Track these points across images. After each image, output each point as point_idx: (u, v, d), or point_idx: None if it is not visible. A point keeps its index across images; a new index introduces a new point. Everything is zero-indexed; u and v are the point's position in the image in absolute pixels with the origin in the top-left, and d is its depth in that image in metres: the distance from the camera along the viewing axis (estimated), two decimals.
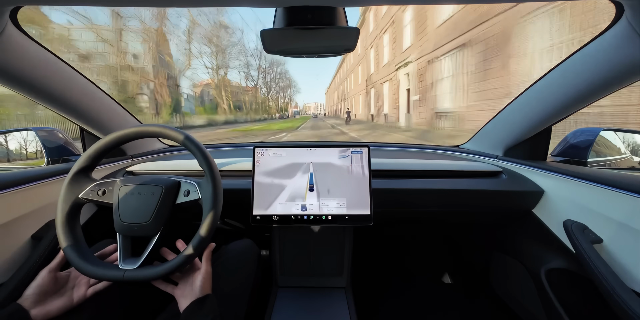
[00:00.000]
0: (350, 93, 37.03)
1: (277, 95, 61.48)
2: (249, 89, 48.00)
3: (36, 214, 0.72)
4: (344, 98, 44.95)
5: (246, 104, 43.77)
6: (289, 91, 71.95)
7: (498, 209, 0.94)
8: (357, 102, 31.50)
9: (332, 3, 0.52)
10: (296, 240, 1.00)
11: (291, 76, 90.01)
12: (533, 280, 0.86)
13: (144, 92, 21.31)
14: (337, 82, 56.62)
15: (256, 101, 48.35)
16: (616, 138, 1.08)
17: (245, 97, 44.30)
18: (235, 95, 42.14)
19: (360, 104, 29.05)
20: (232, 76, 62.35)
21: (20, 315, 0.49)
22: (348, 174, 0.80)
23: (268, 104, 54.93)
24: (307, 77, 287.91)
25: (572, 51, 0.67)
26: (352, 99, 36.28)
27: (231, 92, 40.37)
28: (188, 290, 0.58)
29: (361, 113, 28.66)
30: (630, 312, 0.52)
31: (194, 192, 0.61)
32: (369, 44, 22.05)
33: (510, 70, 6.74)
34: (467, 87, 8.71)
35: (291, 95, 76.24)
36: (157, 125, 0.63)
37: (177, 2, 0.50)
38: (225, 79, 37.93)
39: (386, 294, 1.21)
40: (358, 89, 30.18)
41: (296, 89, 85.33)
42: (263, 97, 51.78)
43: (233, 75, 56.52)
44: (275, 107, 59.27)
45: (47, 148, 0.98)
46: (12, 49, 0.61)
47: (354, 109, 32.97)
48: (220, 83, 36.25)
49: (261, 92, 51.82)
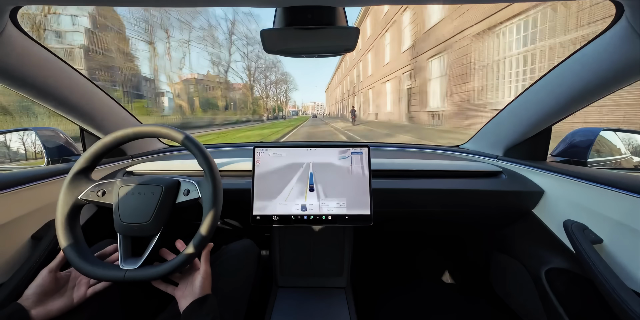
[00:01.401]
0: (364, 84, 25.82)
1: (267, 90, 48.78)
2: (239, 87, 40.46)
3: (36, 214, 0.72)
4: (353, 93, 33.93)
5: (223, 101, 34.25)
6: (283, 87, 60.53)
7: (498, 209, 0.94)
8: (379, 94, 20.03)
9: (332, 3, 0.52)
10: (296, 240, 1.00)
11: (287, 71, 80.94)
12: (533, 280, 0.86)
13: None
14: (340, 75, 46.74)
15: (242, 99, 39.12)
16: (616, 138, 1.09)
17: (224, 94, 35.26)
18: (207, 90, 33.47)
19: (389, 95, 17.91)
20: (201, 65, 54.62)
21: (20, 315, 0.49)
22: (348, 174, 0.80)
23: (256, 103, 44.03)
24: (304, 76, 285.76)
25: (572, 51, 0.67)
26: (367, 91, 25.01)
27: (202, 87, 32.57)
28: (188, 290, 0.58)
29: (390, 110, 17.53)
30: (630, 312, 0.52)
31: (193, 191, 0.61)
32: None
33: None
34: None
35: (287, 92, 64.65)
36: (156, 125, 0.63)
37: (177, 2, 0.50)
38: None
39: (386, 294, 1.21)
40: (381, 75, 18.85)
41: (293, 85, 73.88)
42: (248, 94, 41.44)
43: (202, 64, 44.86)
44: (265, 106, 47.07)
45: (47, 148, 0.98)
46: (12, 49, 0.61)
47: (376, 103, 21.46)
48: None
49: (249, 88, 41.05)
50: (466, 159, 1.11)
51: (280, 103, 62.76)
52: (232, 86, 39.87)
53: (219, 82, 35.46)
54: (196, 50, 43.63)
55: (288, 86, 65.20)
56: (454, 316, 1.10)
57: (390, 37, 16.45)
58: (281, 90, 59.91)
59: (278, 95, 58.39)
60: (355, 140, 8.42)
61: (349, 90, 37.46)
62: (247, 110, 39.68)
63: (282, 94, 61.62)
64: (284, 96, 64.36)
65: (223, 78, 36.59)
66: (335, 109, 59.01)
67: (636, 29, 0.51)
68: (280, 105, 62.93)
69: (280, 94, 60.42)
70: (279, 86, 57.71)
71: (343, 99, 40.59)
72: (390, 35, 16.43)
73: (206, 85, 34.47)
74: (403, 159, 1.03)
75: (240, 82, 42.32)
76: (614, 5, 0.52)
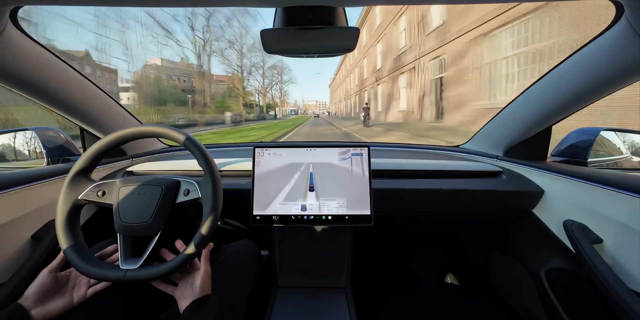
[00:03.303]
0: (385, 70, 17.34)
1: (247, 76, 35.07)
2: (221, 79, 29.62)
3: (36, 214, 0.72)
4: (367, 85, 23.12)
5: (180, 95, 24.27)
6: (277, 78, 45.09)
7: (498, 209, 0.94)
8: (391, 90, 15.46)
9: (332, 3, 0.52)
10: (296, 241, 1.00)
11: (282, 60, 57.69)
12: (533, 280, 0.86)
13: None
14: (348, 66, 35.49)
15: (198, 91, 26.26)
16: (616, 138, 1.09)
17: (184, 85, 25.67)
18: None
19: (405, 90, 13.66)
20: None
21: (20, 315, 0.49)
22: (348, 174, 0.80)
23: (230, 97, 31.16)
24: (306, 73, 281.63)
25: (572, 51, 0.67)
26: (376, 87, 19.79)
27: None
28: (188, 290, 0.58)
29: (406, 107, 13.67)
30: (630, 312, 0.52)
31: (193, 191, 0.62)
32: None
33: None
34: None
35: (281, 86, 49.20)
36: (157, 125, 0.63)
37: (177, 2, 0.50)
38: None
39: (386, 294, 1.21)
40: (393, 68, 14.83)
41: (290, 77, 56.77)
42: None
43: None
44: (243, 102, 33.32)
45: (47, 148, 0.98)
46: (12, 49, 0.61)
47: (392, 99, 15.78)
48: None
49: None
50: (466, 159, 1.11)
51: (269, 99, 46.96)
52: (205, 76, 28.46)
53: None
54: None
55: (281, 76, 48.64)
56: (453, 316, 1.10)
57: (407, 19, 13.39)
58: (275, 81, 45.59)
59: (268, 88, 43.17)
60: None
61: (357, 85, 29.50)
62: (216, 108, 28.04)
63: (275, 88, 46.81)
64: (278, 91, 49.14)
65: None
66: (342, 107, 45.55)
67: (636, 29, 0.51)
68: (271, 102, 47.21)
69: (273, 88, 45.76)
70: (272, 77, 43.33)
71: (358, 92, 28.90)
72: (407, 17, 13.40)
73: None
74: (403, 159, 1.03)
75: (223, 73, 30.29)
76: (614, 5, 0.52)
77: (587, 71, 0.65)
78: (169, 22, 31.74)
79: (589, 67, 0.64)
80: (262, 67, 41.21)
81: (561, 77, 0.72)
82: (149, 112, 18.85)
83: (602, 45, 0.60)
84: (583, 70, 0.66)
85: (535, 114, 0.83)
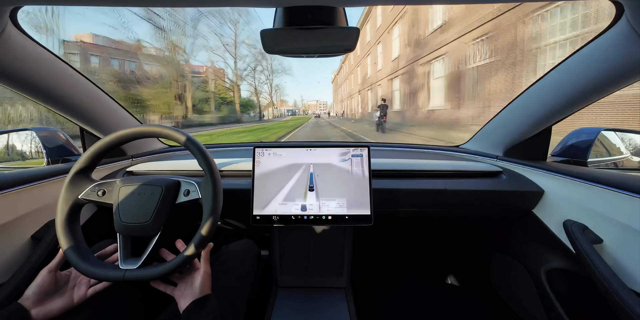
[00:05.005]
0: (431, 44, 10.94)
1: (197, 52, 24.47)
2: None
3: (36, 214, 0.72)
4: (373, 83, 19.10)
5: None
6: (262, 65, 34.77)
7: (498, 209, 0.94)
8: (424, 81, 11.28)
9: (332, 3, 0.52)
10: (296, 240, 0.99)
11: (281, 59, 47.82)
12: (533, 280, 0.86)
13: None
14: (359, 54, 26.85)
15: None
16: (616, 138, 1.09)
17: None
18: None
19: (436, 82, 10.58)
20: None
21: (20, 315, 0.49)
22: (348, 174, 0.80)
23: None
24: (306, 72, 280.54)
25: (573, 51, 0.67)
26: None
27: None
28: (188, 290, 0.58)
29: (443, 105, 10.29)
30: (630, 312, 0.52)
31: (193, 191, 0.62)
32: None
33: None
34: None
35: (271, 76, 38.83)
36: (157, 125, 0.63)
37: (177, 2, 0.50)
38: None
39: (386, 294, 1.21)
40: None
41: (283, 68, 45.40)
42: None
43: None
44: (201, 97, 22.84)
45: (47, 148, 0.98)
46: (12, 49, 0.61)
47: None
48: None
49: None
50: (466, 159, 1.11)
51: (254, 93, 35.10)
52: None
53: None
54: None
55: (271, 67, 38.23)
56: (454, 316, 1.10)
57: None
58: (254, 67, 34.23)
59: (245, 76, 31.58)
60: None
61: (370, 77, 23.27)
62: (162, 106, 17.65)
63: (264, 81, 35.83)
64: (264, 82, 37.97)
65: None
66: (362, 107, 31.84)
67: (636, 29, 0.51)
68: (251, 100, 34.87)
69: (262, 83, 35.00)
70: (254, 61, 31.73)
71: (368, 87, 23.57)
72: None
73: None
74: (403, 159, 1.03)
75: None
76: (614, 5, 0.52)
77: (587, 71, 0.65)
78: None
79: (589, 67, 0.64)
80: (234, 40, 26.36)
81: (561, 77, 0.72)
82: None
83: (602, 45, 0.60)
84: (583, 70, 0.66)
85: (535, 114, 0.83)
